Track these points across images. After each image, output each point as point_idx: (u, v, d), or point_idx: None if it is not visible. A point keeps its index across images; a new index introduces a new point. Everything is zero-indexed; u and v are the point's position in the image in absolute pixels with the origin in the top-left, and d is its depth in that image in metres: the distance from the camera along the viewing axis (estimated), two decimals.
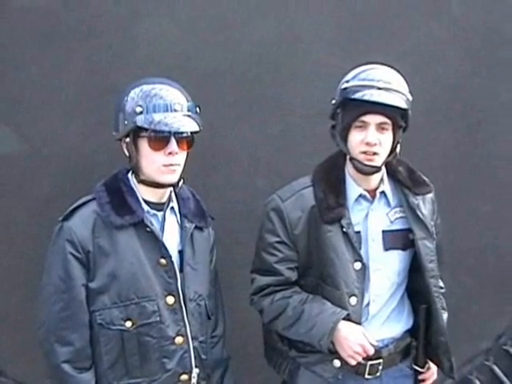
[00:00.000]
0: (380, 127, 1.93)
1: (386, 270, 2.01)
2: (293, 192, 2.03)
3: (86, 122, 2.46)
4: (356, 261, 1.97)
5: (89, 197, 1.88)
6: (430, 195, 2.12)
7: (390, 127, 1.94)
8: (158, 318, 1.83)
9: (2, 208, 2.47)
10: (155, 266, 1.84)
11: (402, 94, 1.93)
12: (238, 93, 2.57)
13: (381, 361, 2.00)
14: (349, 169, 2.03)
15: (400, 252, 2.04)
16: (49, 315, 1.82)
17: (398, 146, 2.00)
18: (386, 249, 2.01)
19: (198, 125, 1.85)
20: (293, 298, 1.99)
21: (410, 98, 1.97)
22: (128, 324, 1.82)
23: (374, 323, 2.02)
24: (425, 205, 2.08)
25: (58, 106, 2.45)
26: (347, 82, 1.97)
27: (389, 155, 1.99)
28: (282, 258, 2.01)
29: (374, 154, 1.93)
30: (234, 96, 2.57)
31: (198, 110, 1.88)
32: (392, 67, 2.01)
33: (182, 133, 1.83)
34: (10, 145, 2.48)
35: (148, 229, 1.84)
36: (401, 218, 2.05)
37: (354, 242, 1.97)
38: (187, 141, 1.87)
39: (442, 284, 2.25)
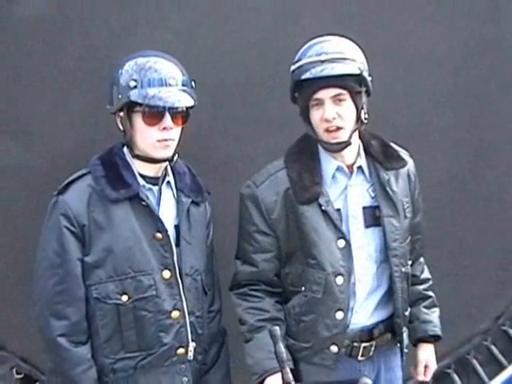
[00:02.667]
0: (336, 99, 1.88)
1: (367, 247, 1.97)
2: (267, 176, 1.99)
3: (88, 131, 2.46)
4: (339, 238, 1.93)
5: (84, 170, 1.88)
6: (406, 170, 2.05)
7: (347, 97, 1.89)
8: (154, 292, 1.83)
9: (4, 188, 2.48)
10: (151, 240, 1.84)
11: (351, 59, 1.89)
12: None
13: (373, 342, 1.99)
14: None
15: (380, 229, 1.98)
16: (44, 289, 1.82)
17: (363, 112, 1.94)
18: (367, 226, 1.97)
19: (194, 99, 1.84)
20: (254, 314, 1.97)
21: (363, 62, 1.93)
22: (124, 298, 1.82)
23: (366, 307, 1.99)
24: (397, 181, 2.01)
25: (59, 115, 2.46)
26: (294, 63, 1.94)
27: (356, 124, 1.93)
28: (258, 249, 1.98)
29: (338, 128, 1.89)
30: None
31: (193, 84, 1.87)
32: (344, 36, 1.97)
33: (176, 108, 1.81)
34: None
35: (144, 203, 1.84)
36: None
37: (334, 220, 1.92)
38: (182, 116, 1.86)
39: (427, 275, 2.23)
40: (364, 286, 1.98)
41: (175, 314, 1.86)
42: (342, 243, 1.93)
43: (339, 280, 1.92)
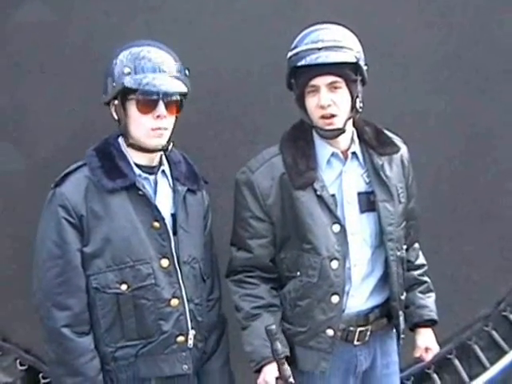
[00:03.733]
0: (332, 87, 1.89)
1: (362, 233, 1.98)
2: (262, 162, 2.00)
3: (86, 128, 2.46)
4: (334, 223, 1.94)
5: (80, 162, 1.89)
6: (399, 156, 2.06)
7: (342, 85, 1.90)
8: (152, 281, 1.85)
9: (7, 179, 2.50)
10: (148, 229, 1.85)
11: (347, 48, 1.91)
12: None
13: (369, 327, 2.00)
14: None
15: (375, 214, 1.99)
16: (44, 281, 1.83)
17: (358, 101, 1.95)
18: (362, 211, 1.98)
19: (187, 87, 1.85)
20: (249, 301, 1.98)
21: (359, 51, 1.94)
22: (123, 287, 1.83)
23: (361, 292, 2.00)
24: (391, 166, 2.02)
25: (60, 117, 2.46)
26: (291, 50, 1.95)
27: (351, 112, 1.94)
28: (253, 234, 1.99)
29: (332, 116, 1.90)
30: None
31: (186, 72, 1.87)
32: (340, 25, 1.98)
33: (170, 96, 1.83)
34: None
35: (140, 192, 1.85)
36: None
37: (330, 205, 1.93)
38: (176, 104, 1.87)
39: (422, 260, 2.23)
40: (359, 270, 1.99)
41: (174, 301, 1.87)
42: (336, 228, 1.94)
43: (334, 264, 1.93)
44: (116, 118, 1.88)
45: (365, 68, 1.96)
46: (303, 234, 1.95)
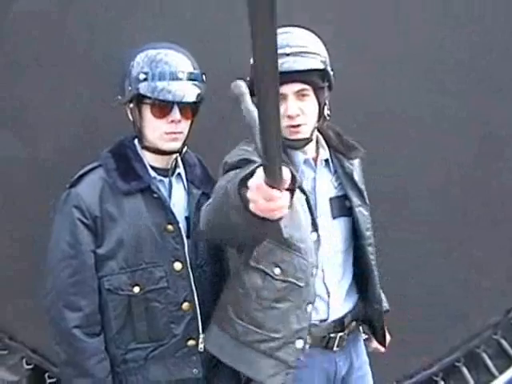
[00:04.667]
0: (300, 95, 1.79)
1: (332, 238, 1.90)
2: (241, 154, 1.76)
3: (91, 122, 2.45)
4: (313, 231, 1.85)
5: (95, 164, 1.89)
6: (357, 160, 2.00)
7: (310, 92, 1.81)
8: (165, 284, 1.84)
9: (7, 174, 2.49)
10: (162, 232, 1.85)
11: (315, 54, 1.81)
12: None
13: (346, 331, 1.93)
14: None
15: (345, 218, 1.93)
16: (57, 281, 1.82)
17: (326, 108, 1.86)
18: (334, 217, 1.91)
19: (203, 92, 1.84)
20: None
21: (325, 56, 1.85)
22: (136, 289, 1.83)
23: (337, 299, 1.92)
24: (356, 170, 1.97)
25: (60, 111, 2.45)
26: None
27: (318, 121, 1.86)
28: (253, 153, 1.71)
29: (299, 125, 1.81)
30: None
31: (203, 78, 1.86)
32: (307, 29, 1.87)
33: (185, 101, 1.81)
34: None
35: (155, 194, 1.84)
36: (340, 184, 1.94)
37: (313, 211, 1.84)
38: (191, 109, 1.86)
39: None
40: (332, 277, 1.92)
41: (186, 305, 1.87)
42: (314, 236, 1.85)
43: (314, 271, 1.84)
44: (131, 119, 1.88)
45: (331, 73, 1.86)
46: (294, 229, 1.79)
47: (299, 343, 1.82)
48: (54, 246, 1.85)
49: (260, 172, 1.24)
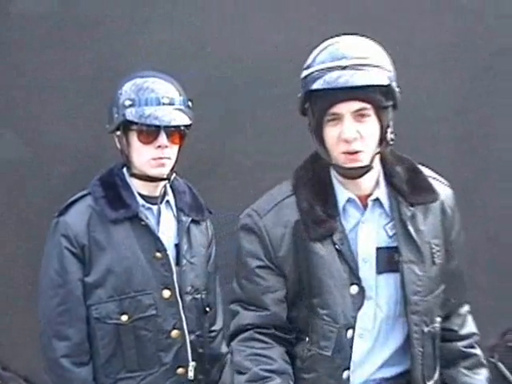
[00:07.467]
0: (358, 115, 1.51)
1: (377, 298, 1.60)
2: (272, 204, 1.62)
3: (89, 125, 2.47)
4: (352, 284, 1.57)
5: (84, 192, 1.90)
6: (438, 205, 1.65)
7: (371, 112, 1.52)
8: (154, 312, 1.84)
9: (6, 201, 2.50)
10: (151, 260, 1.85)
11: (378, 66, 1.51)
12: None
13: None
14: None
15: (397, 275, 1.60)
16: (46, 309, 1.83)
17: (389, 131, 1.57)
18: (380, 272, 1.59)
19: (190, 119, 1.85)
20: (259, 362, 1.55)
21: (391, 70, 1.56)
22: (124, 318, 1.82)
23: (365, 367, 1.62)
24: (425, 217, 1.62)
25: (60, 110, 2.47)
26: (307, 68, 1.55)
27: (379, 145, 1.57)
28: (267, 288, 1.60)
29: (357, 152, 1.52)
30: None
31: (190, 104, 1.88)
32: (366, 36, 1.60)
33: (172, 126, 1.82)
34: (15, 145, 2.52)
35: (143, 222, 1.85)
36: (396, 233, 1.61)
37: (350, 262, 1.57)
38: (179, 134, 1.87)
39: (471, 329, 1.75)
40: (364, 343, 1.61)
41: (175, 333, 1.86)
42: (354, 289, 1.57)
43: (349, 334, 1.57)
44: (119, 147, 1.89)
45: (397, 90, 1.56)
46: (318, 296, 1.58)
47: None
48: (43, 274, 1.86)
49: None
